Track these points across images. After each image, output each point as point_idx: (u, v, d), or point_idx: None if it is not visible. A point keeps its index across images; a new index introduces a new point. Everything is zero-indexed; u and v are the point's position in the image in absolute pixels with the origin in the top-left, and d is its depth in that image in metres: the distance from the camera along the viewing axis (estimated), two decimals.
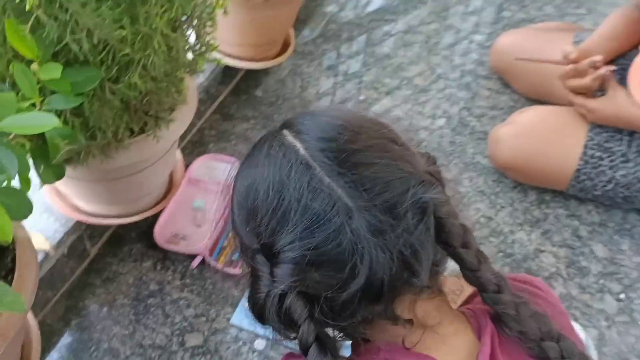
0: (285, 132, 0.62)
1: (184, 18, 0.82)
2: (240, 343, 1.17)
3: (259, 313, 0.63)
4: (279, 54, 1.57)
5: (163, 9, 0.75)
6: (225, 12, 0.88)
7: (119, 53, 0.73)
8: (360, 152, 0.59)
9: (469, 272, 0.62)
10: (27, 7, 0.64)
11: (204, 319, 1.20)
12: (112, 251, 1.28)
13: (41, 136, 0.74)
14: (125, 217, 1.17)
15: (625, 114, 1.27)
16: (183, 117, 0.98)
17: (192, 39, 0.88)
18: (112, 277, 1.24)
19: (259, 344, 1.17)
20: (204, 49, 0.87)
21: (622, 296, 1.30)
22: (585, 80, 1.30)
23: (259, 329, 1.16)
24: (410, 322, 0.60)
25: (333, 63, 1.77)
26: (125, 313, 1.19)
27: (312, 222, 0.56)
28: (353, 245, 0.55)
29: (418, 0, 2.00)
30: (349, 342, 0.67)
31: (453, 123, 1.62)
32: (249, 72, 1.65)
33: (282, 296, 0.59)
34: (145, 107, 0.85)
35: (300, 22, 1.83)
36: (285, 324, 0.61)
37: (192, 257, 1.26)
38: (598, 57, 1.29)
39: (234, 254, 1.27)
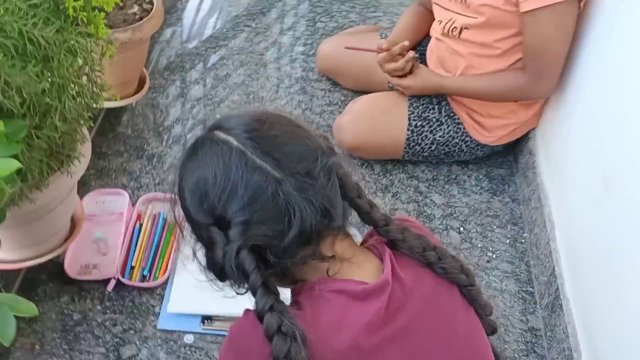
0: (216, 132, 0.82)
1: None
2: (171, 343, 1.32)
3: (218, 272, 0.83)
4: (136, 91, 1.72)
5: (69, 61, 0.90)
6: (110, 58, 1.04)
7: (41, 103, 0.87)
8: (278, 136, 0.81)
9: (365, 215, 0.87)
10: None
11: (132, 331, 1.33)
12: (27, 294, 1.35)
13: None
14: (37, 259, 1.26)
15: (430, 84, 1.62)
16: (86, 153, 1.11)
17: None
18: (34, 318, 1.31)
19: (188, 339, 1.33)
20: (98, 89, 1.03)
21: (461, 229, 1.65)
22: (399, 63, 1.62)
23: (184, 326, 1.33)
24: (332, 258, 0.83)
25: (181, 91, 1.95)
26: (57, 345, 1.28)
27: (254, 192, 0.77)
28: (286, 203, 0.77)
29: (242, 24, 2.25)
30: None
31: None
32: (110, 111, 1.77)
33: (237, 253, 0.78)
34: (61, 147, 0.99)
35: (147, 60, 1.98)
36: (239, 276, 0.80)
37: (106, 282, 1.38)
38: (407, 42, 1.62)
39: (144, 270, 1.41)
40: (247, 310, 0.87)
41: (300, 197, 0.78)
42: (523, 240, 1.62)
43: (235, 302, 1.31)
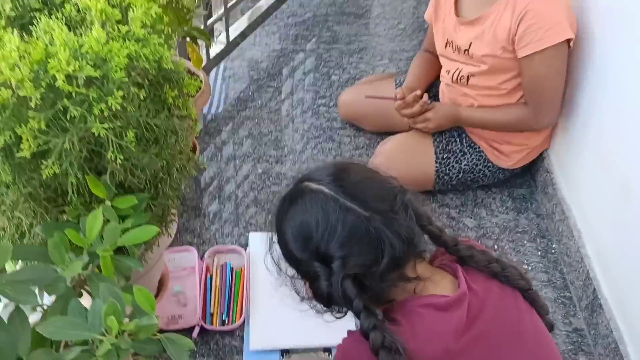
0: (308, 183, 1.00)
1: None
2: None
3: (325, 301, 0.99)
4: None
5: (174, 140, 1.08)
6: (198, 133, 1.22)
7: (157, 177, 1.05)
8: (360, 181, 0.99)
9: (436, 238, 1.04)
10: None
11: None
12: None
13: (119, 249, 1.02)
14: None
15: (449, 113, 1.82)
16: (176, 215, 1.29)
17: None
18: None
19: None
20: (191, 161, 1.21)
21: (495, 247, 1.81)
22: (415, 109, 1.82)
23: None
24: (417, 278, 0.99)
25: (219, 151, 2.13)
26: None
27: (350, 229, 0.95)
28: (377, 236, 0.94)
29: (265, 85, 2.45)
30: None
31: None
32: None
33: (341, 283, 0.95)
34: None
35: None
36: (344, 302, 0.97)
37: (191, 330, 1.53)
38: (418, 92, 1.83)
39: (223, 315, 1.57)
40: (350, 332, 1.03)
41: (388, 230, 0.95)
42: (553, 251, 1.78)
43: (308, 337, 1.49)
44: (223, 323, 1.56)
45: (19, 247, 0.98)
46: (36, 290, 0.83)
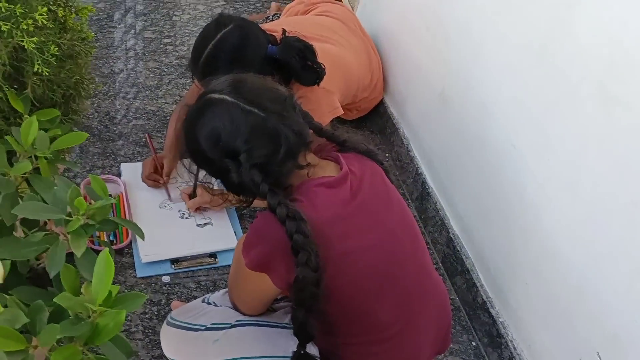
0: (210, 95, 1.17)
1: None
2: (153, 285, 1.62)
3: (236, 189, 1.19)
4: None
5: (80, 58, 1.18)
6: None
7: (68, 93, 1.15)
8: (256, 89, 1.19)
9: (319, 131, 1.28)
10: None
11: (117, 284, 1.59)
12: None
13: None
14: None
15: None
16: None
17: None
18: None
19: (165, 279, 1.64)
20: None
21: None
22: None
23: (159, 271, 1.64)
24: (308, 165, 1.22)
25: None
26: None
27: (251, 127, 1.15)
28: (274, 131, 1.15)
29: (107, 25, 2.47)
30: None
31: None
32: None
33: (247, 172, 1.15)
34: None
35: None
36: (253, 187, 1.18)
37: None
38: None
39: (109, 237, 1.67)
40: (259, 213, 1.24)
41: (283, 125, 1.17)
42: (387, 159, 2.15)
43: (193, 245, 1.67)
44: (112, 243, 1.67)
45: None
46: None
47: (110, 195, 1.74)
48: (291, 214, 1.13)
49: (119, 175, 1.86)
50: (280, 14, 2.30)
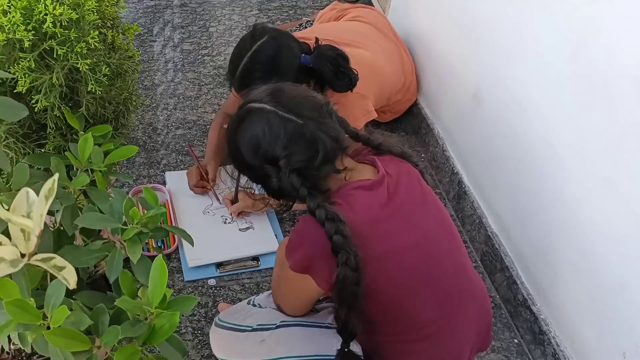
0: (250, 104, 1.22)
1: None
2: (200, 288, 1.69)
3: (276, 194, 1.24)
4: None
5: (128, 76, 1.25)
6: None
7: (119, 109, 1.22)
8: (293, 97, 1.23)
9: (355, 136, 1.32)
10: None
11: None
12: None
13: None
14: None
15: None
16: None
17: None
18: None
19: (211, 282, 1.70)
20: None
21: None
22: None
23: (205, 274, 1.70)
24: (345, 169, 1.27)
25: None
26: None
27: (290, 135, 1.19)
28: (312, 137, 1.20)
29: (148, 40, 2.55)
30: None
31: None
32: None
33: (288, 176, 1.19)
34: None
35: None
36: (292, 192, 1.22)
37: None
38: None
39: (157, 243, 1.75)
40: (299, 216, 1.29)
41: (320, 132, 1.21)
42: (422, 159, 2.17)
43: (237, 249, 1.72)
44: (160, 250, 1.75)
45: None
46: None
47: None
48: (330, 215, 1.16)
49: (163, 183, 1.94)
50: (312, 21, 2.35)
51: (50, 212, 1.03)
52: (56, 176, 0.67)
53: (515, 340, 1.65)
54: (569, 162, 1.42)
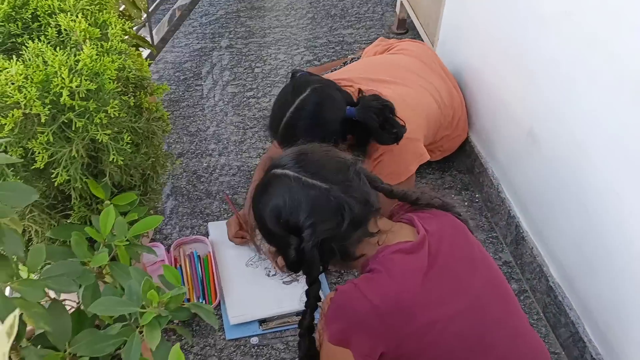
0: (274, 171, 1.16)
1: None
2: (242, 347, 1.62)
3: (293, 267, 1.17)
4: None
5: (155, 139, 1.21)
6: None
7: (145, 174, 1.18)
8: (319, 160, 1.16)
9: (389, 193, 1.23)
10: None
11: (208, 347, 1.61)
12: None
13: None
14: None
15: None
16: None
17: None
18: None
19: (254, 340, 1.63)
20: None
21: None
22: None
23: (247, 332, 1.63)
24: (378, 232, 1.18)
25: (173, 150, 2.23)
26: None
27: (313, 202, 1.12)
28: (337, 202, 1.12)
29: (193, 84, 2.55)
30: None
31: None
32: None
33: (309, 250, 1.12)
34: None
35: None
36: (307, 266, 1.15)
37: None
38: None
39: (199, 299, 1.70)
40: (338, 286, 1.21)
41: (345, 196, 1.13)
42: (477, 200, 2.05)
43: (280, 305, 1.65)
44: None
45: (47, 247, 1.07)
46: None
47: (199, 256, 1.82)
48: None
49: (206, 234, 1.89)
50: (357, 58, 2.28)
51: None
52: (17, 312, 0.61)
53: None
54: (638, 212, 1.28)
